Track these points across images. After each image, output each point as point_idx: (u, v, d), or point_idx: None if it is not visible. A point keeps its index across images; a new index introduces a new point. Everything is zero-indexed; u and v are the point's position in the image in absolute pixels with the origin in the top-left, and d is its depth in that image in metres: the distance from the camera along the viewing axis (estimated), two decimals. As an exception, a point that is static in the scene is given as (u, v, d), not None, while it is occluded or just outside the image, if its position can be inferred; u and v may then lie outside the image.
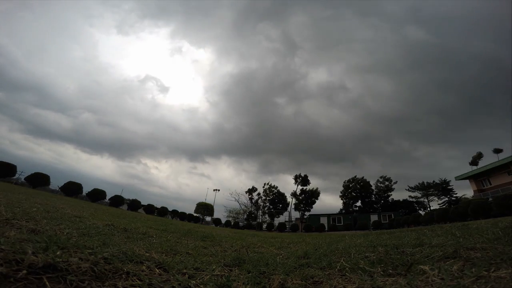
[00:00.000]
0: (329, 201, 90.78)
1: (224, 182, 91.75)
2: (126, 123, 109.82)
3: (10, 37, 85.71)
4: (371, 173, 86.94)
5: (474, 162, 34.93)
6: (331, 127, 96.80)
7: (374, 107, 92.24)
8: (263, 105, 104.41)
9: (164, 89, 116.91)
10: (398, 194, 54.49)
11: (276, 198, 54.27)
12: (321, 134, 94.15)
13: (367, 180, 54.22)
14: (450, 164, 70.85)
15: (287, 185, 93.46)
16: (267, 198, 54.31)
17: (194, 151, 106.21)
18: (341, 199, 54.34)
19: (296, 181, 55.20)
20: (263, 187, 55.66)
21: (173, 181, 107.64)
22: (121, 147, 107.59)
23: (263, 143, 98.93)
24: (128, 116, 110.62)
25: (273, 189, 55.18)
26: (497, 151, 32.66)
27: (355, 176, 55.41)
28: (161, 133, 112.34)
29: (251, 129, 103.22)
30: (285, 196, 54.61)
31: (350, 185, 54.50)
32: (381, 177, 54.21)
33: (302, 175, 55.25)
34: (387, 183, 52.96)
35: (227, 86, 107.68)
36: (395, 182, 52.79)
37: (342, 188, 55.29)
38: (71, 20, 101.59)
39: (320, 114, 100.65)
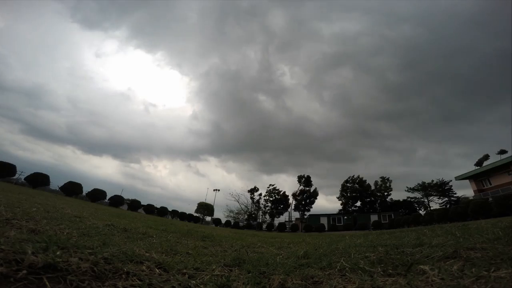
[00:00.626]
0: (328, 201, 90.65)
1: (223, 182, 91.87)
2: (124, 125, 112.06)
3: (8, 44, 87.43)
4: (372, 173, 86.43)
5: (479, 163, 34.81)
6: (326, 124, 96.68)
7: (371, 105, 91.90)
8: (251, 104, 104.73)
9: (157, 96, 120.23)
10: (398, 194, 54.47)
11: (278, 199, 54.44)
12: (316, 132, 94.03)
13: (365, 179, 54.18)
14: (458, 162, 70.63)
15: (284, 182, 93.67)
16: (269, 199, 54.54)
17: (192, 151, 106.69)
18: (339, 200, 54.32)
19: (299, 182, 55.37)
20: (268, 188, 56.23)
21: (173, 181, 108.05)
22: (121, 148, 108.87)
23: (259, 142, 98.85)
24: (125, 119, 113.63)
25: (276, 191, 55.43)
26: (502, 152, 32.49)
27: (353, 176, 55.44)
28: (159, 135, 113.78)
29: (247, 128, 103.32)
30: (287, 197, 54.78)
31: (348, 185, 54.48)
32: (380, 178, 54.21)
33: (305, 176, 55.53)
34: (386, 183, 52.90)
35: (216, 87, 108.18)
36: (391, 181, 52.84)
37: (340, 188, 55.33)
38: (62, 36, 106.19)
39: (314, 111, 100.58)
